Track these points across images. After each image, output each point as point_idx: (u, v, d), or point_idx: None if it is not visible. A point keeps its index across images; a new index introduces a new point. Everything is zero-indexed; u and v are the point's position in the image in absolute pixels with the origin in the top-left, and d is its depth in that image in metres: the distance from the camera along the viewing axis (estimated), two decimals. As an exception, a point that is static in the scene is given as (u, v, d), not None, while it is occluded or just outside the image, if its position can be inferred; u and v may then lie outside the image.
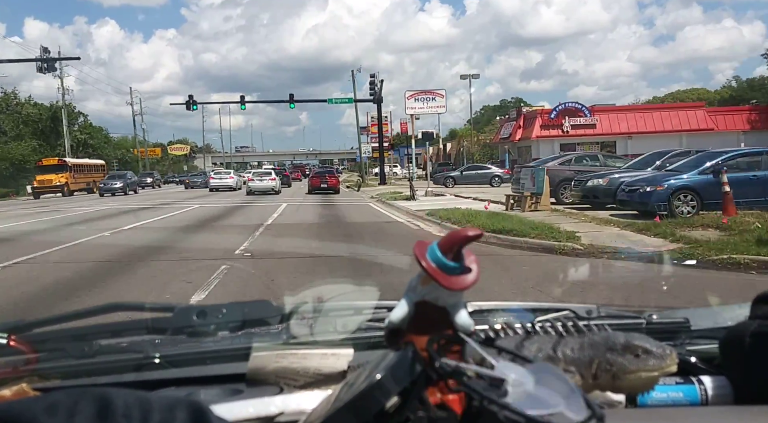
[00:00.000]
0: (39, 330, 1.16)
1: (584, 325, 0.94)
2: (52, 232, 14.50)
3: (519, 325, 0.97)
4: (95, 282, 7.20)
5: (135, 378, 1.04)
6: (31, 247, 10.48)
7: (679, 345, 1.10)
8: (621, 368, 0.84)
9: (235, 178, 41.59)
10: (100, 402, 0.58)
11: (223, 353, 1.09)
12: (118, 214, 19.54)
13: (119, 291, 6.59)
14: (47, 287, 7.03)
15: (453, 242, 0.73)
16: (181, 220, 16.79)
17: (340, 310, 1.19)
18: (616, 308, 1.38)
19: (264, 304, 1.17)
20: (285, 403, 0.88)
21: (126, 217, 18.08)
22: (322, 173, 34.29)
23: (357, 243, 10.74)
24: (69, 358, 1.08)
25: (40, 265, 8.72)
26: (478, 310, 1.23)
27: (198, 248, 10.37)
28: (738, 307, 1.18)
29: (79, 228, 14.52)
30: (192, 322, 1.12)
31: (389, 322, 0.78)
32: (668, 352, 0.86)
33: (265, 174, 35.35)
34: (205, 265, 8.08)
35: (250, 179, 34.87)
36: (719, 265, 7.27)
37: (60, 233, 13.78)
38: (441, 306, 0.76)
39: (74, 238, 11.57)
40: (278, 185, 34.33)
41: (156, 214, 19.00)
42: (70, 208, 24.19)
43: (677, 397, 0.94)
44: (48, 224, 16.65)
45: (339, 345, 1.01)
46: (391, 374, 0.67)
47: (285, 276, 7.22)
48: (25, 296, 6.52)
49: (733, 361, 0.95)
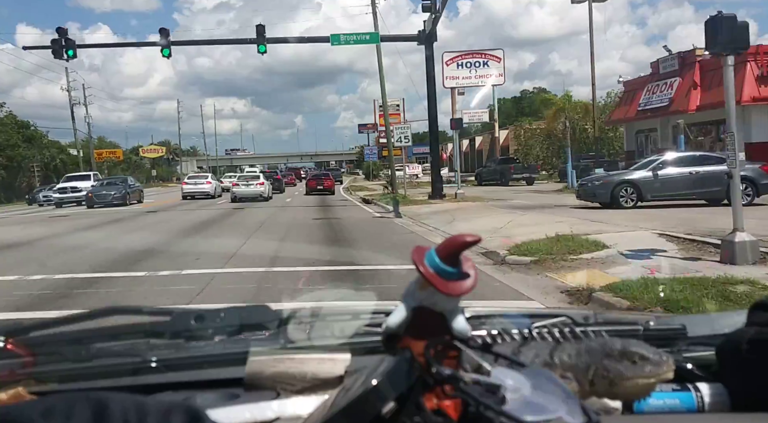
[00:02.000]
0: (36, 333, 1.16)
1: (581, 331, 0.94)
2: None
3: (516, 331, 0.98)
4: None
5: (132, 382, 1.04)
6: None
7: (675, 352, 1.10)
8: (618, 375, 0.84)
9: (213, 183, 35.25)
10: (97, 406, 0.58)
11: (221, 357, 1.09)
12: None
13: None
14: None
15: (451, 248, 0.73)
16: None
17: (337, 314, 1.19)
18: (613, 315, 1.38)
19: (262, 309, 1.17)
20: (282, 408, 0.88)
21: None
22: (318, 176, 37.58)
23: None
24: (66, 362, 1.08)
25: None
26: (476, 316, 1.23)
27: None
28: (735, 314, 1.18)
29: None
30: (190, 327, 1.12)
31: (386, 327, 0.79)
32: (665, 359, 0.86)
33: (252, 178, 30.27)
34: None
35: (235, 184, 29.91)
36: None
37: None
38: (438, 311, 0.76)
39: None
40: (268, 191, 29.68)
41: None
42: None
43: (674, 403, 0.94)
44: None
45: (336, 350, 1.01)
46: (388, 379, 0.67)
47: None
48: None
49: (730, 368, 0.95)
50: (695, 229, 10.00)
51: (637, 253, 8.15)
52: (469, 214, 15.64)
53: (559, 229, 9.87)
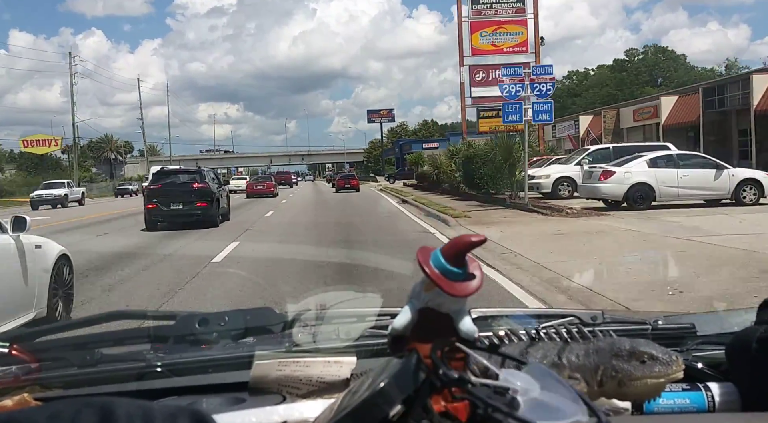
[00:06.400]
0: (41, 339, 1.16)
1: (589, 332, 0.93)
2: None
3: (523, 332, 0.97)
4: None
5: (137, 387, 1.03)
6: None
7: (685, 351, 1.09)
8: (627, 375, 0.84)
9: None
10: (102, 411, 0.58)
11: (226, 361, 1.09)
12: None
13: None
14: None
15: (457, 248, 0.72)
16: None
17: (342, 317, 1.18)
18: (621, 314, 1.37)
19: (266, 312, 1.17)
20: (288, 411, 0.88)
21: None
22: (345, 176, 38.74)
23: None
24: (71, 368, 1.08)
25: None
26: (482, 317, 1.22)
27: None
28: (744, 312, 1.17)
29: None
30: (194, 330, 1.12)
31: (392, 329, 0.78)
32: (674, 359, 0.85)
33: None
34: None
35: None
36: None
37: None
38: (444, 313, 0.75)
39: None
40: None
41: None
42: None
43: (684, 403, 0.93)
44: None
45: (342, 353, 1.00)
46: (395, 382, 0.66)
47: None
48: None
49: (740, 366, 0.94)
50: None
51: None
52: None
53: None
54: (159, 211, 14.76)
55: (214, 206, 15.15)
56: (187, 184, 15.23)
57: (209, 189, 15.13)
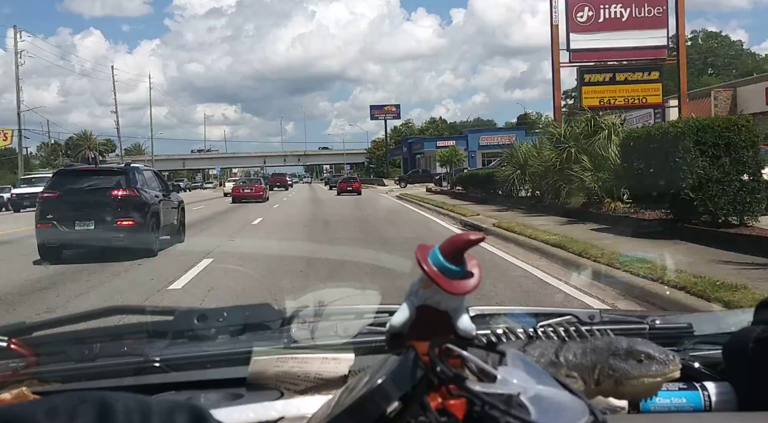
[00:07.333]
0: (39, 333, 1.16)
1: (587, 330, 0.94)
2: None
3: (521, 330, 0.97)
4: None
5: (135, 382, 1.04)
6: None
7: (682, 350, 1.09)
8: (624, 374, 0.84)
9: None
10: (100, 406, 0.58)
11: (224, 357, 1.09)
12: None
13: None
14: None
15: (455, 246, 0.72)
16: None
17: (341, 314, 1.18)
18: (619, 313, 1.37)
19: (265, 308, 1.17)
20: (285, 407, 0.88)
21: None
22: (346, 179, 38.64)
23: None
24: (69, 362, 1.08)
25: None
26: (480, 315, 1.22)
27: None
28: (741, 312, 1.18)
29: None
30: (193, 326, 1.12)
31: (390, 327, 0.78)
32: (671, 358, 0.85)
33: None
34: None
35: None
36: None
37: None
38: (442, 310, 0.76)
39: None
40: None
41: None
42: None
43: (680, 402, 0.94)
44: None
45: (340, 349, 1.00)
46: (393, 379, 0.66)
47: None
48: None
49: (737, 366, 0.94)
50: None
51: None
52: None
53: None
54: (56, 234, 9.34)
55: (149, 225, 9.74)
56: (102, 190, 9.72)
57: (139, 199, 9.81)
